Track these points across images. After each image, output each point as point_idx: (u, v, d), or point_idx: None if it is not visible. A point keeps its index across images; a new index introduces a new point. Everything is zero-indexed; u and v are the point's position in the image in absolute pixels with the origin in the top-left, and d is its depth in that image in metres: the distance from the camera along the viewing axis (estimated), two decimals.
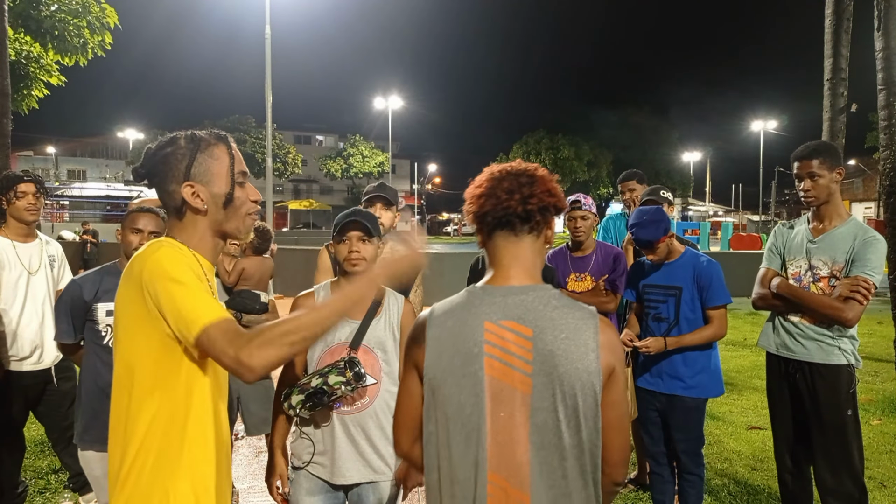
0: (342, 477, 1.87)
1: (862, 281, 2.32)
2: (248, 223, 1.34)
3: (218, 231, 1.32)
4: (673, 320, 2.63)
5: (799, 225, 2.61)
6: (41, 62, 7.99)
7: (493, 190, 1.19)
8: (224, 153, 1.30)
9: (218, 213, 1.29)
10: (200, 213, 1.28)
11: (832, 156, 2.45)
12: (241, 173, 1.32)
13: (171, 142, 1.29)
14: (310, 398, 1.80)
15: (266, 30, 11.92)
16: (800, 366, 2.48)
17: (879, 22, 5.74)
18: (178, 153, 1.27)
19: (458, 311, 1.18)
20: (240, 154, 1.35)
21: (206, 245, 1.31)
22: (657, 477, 2.76)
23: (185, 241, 1.28)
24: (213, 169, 1.28)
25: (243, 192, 1.32)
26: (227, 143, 1.32)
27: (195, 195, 1.26)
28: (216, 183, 1.28)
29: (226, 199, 1.29)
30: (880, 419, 4.53)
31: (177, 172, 1.26)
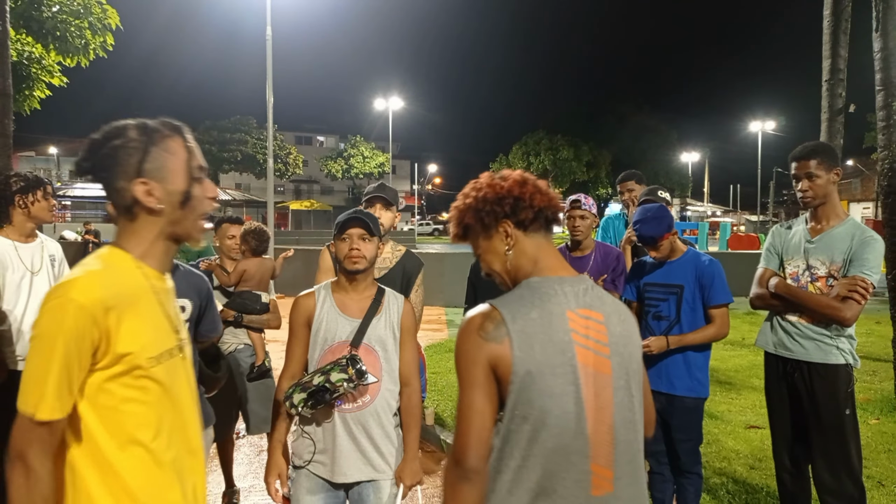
0: (343, 475, 1.88)
1: (860, 280, 2.33)
2: (201, 225, 1.20)
3: (172, 234, 1.18)
4: (674, 319, 2.65)
5: (797, 225, 2.62)
6: (43, 63, 8.00)
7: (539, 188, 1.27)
8: (180, 146, 1.16)
9: (174, 212, 1.16)
10: (154, 213, 1.14)
11: (830, 156, 2.46)
12: (199, 168, 1.19)
13: (119, 132, 1.13)
14: (312, 396, 1.81)
15: (267, 31, 11.93)
16: (798, 365, 2.49)
17: (878, 23, 5.77)
18: (129, 146, 1.12)
19: (537, 302, 1.17)
20: (197, 147, 1.21)
21: (157, 250, 1.18)
22: (658, 476, 2.78)
23: (133, 246, 1.15)
24: (169, 164, 1.14)
25: (201, 189, 1.19)
26: (183, 135, 1.18)
27: (149, 193, 1.13)
28: (172, 180, 1.14)
29: (183, 198, 1.15)
30: (878, 418, 4.54)
31: (128, 168, 1.11)
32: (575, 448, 1.13)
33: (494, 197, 1.24)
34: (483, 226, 1.26)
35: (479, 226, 1.26)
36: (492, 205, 1.24)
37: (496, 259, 1.27)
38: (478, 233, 1.28)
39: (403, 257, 2.83)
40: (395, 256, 2.83)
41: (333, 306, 1.95)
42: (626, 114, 37.16)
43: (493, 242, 1.27)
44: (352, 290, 1.97)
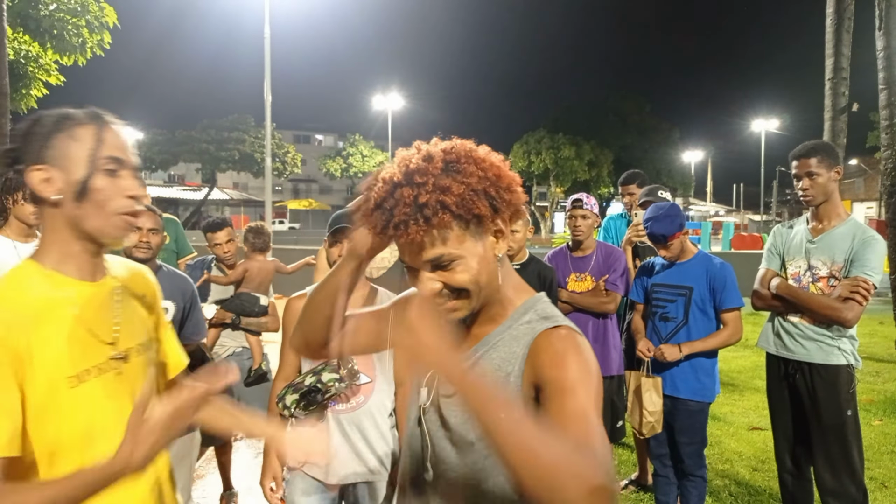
0: (337, 476, 1.86)
1: (861, 281, 2.32)
2: (116, 223, 1.05)
3: (81, 232, 1.04)
4: (681, 320, 2.62)
5: (798, 225, 2.61)
6: (40, 61, 7.99)
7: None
8: (89, 133, 1.04)
9: (72, 206, 1.02)
10: (52, 204, 1.02)
11: (830, 155, 2.45)
12: (111, 159, 1.04)
13: (36, 120, 1.05)
14: (304, 397, 1.79)
15: (265, 30, 11.90)
16: (799, 366, 2.48)
17: (881, 21, 5.73)
18: (38, 132, 1.03)
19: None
20: (118, 138, 1.07)
21: (71, 251, 1.05)
22: (663, 479, 2.75)
23: (46, 254, 1.05)
24: (72, 151, 1.02)
25: (111, 183, 1.04)
26: (99, 124, 1.06)
27: (46, 182, 1.02)
28: (72, 168, 1.02)
29: (79, 189, 1.02)
30: (881, 420, 4.51)
31: (31, 154, 1.03)
32: None
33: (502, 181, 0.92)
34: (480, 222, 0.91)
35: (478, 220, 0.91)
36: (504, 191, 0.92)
37: (485, 269, 0.93)
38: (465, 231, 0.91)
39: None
40: (393, 256, 2.80)
41: None
42: (627, 113, 37.09)
43: (481, 245, 0.93)
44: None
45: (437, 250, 0.89)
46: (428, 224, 0.86)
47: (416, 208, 0.85)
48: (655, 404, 2.60)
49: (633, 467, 3.53)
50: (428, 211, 0.85)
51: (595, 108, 37.42)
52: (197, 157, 32.13)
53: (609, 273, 2.96)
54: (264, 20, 11.93)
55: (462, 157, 0.90)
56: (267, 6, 11.99)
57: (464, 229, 0.90)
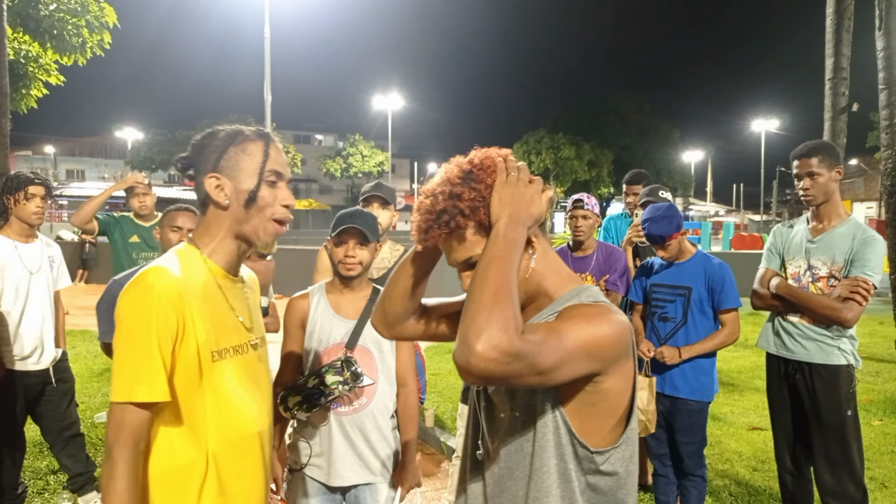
0: (339, 479, 1.86)
1: (861, 282, 2.32)
2: (269, 228, 1.22)
3: (238, 233, 1.22)
4: (680, 320, 2.63)
5: (798, 225, 2.62)
6: (40, 61, 7.98)
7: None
8: (259, 149, 1.21)
9: (239, 210, 1.20)
10: (222, 208, 1.20)
11: (831, 155, 2.45)
12: (274, 172, 1.22)
13: (211, 134, 1.23)
14: (306, 399, 1.79)
15: (265, 30, 11.90)
16: (799, 366, 2.49)
17: (881, 21, 5.73)
18: (213, 145, 1.21)
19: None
20: (280, 154, 1.25)
21: (225, 247, 1.23)
22: (663, 479, 2.75)
23: (204, 242, 1.23)
24: (243, 163, 1.20)
25: (271, 192, 1.21)
26: (267, 141, 1.23)
27: (219, 188, 1.19)
28: (243, 178, 1.19)
29: (249, 197, 1.19)
30: (881, 420, 4.51)
31: (207, 163, 1.20)
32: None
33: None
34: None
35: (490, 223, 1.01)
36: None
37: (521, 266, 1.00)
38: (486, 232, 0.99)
39: (402, 257, 2.80)
40: (393, 256, 2.80)
41: (328, 307, 1.93)
42: (627, 112, 37.09)
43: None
44: (347, 291, 1.96)
45: (462, 252, 0.99)
46: (449, 228, 0.96)
47: (436, 215, 0.96)
48: (647, 403, 2.60)
49: None
50: (447, 216, 0.96)
51: (595, 108, 37.38)
52: None
53: (609, 273, 2.96)
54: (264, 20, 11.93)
55: (479, 166, 0.98)
56: (267, 6, 11.99)
57: (483, 232, 0.97)
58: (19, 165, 31.26)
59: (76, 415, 3.15)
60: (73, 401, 3.13)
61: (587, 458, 0.97)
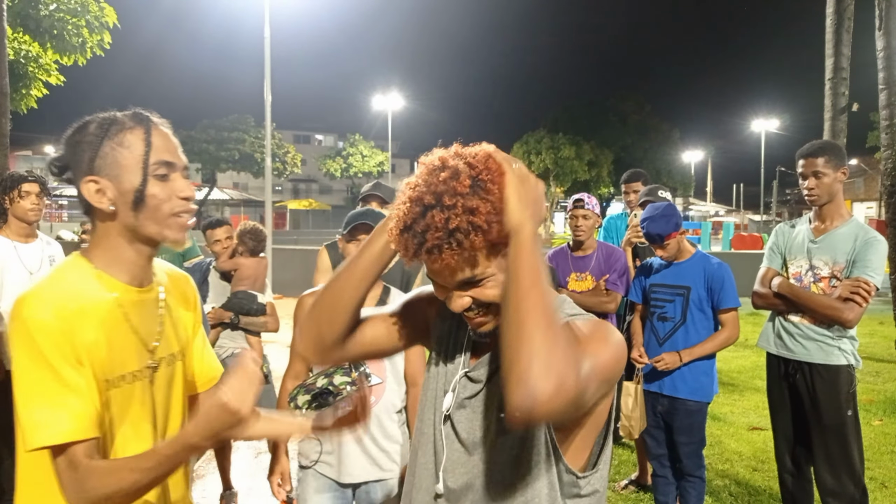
0: (349, 475, 1.89)
1: (862, 282, 2.32)
2: (173, 225, 1.05)
3: (136, 237, 1.05)
4: (679, 320, 2.63)
5: (800, 224, 2.62)
6: (40, 61, 7.98)
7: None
8: (138, 139, 1.02)
9: (128, 214, 1.02)
10: (108, 215, 1.02)
11: (837, 155, 2.46)
12: (162, 164, 1.03)
13: (82, 127, 1.04)
14: (315, 398, 1.81)
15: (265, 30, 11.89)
16: (799, 366, 2.49)
17: (881, 21, 5.73)
18: (85, 141, 1.02)
19: None
20: (166, 140, 1.06)
21: (123, 257, 1.05)
22: (661, 479, 2.75)
23: (98, 255, 1.04)
24: (122, 159, 1.01)
25: (164, 187, 1.03)
26: (147, 127, 1.04)
27: (99, 192, 1.01)
28: (125, 177, 1.01)
29: (135, 198, 1.01)
30: (881, 420, 4.52)
31: (81, 165, 1.02)
32: None
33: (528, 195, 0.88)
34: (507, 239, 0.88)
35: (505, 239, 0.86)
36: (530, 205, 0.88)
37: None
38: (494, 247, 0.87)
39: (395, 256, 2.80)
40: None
41: None
42: (627, 112, 37.08)
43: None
44: None
45: (470, 272, 0.86)
46: (461, 248, 0.83)
47: (447, 233, 0.82)
48: (631, 409, 2.61)
49: (633, 467, 3.53)
50: (460, 235, 0.82)
51: (595, 108, 37.37)
52: (197, 157, 32.13)
53: (609, 273, 2.96)
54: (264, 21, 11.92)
55: (485, 172, 0.86)
56: (267, 6, 11.98)
57: (494, 247, 0.86)
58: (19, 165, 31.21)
59: None
60: None
61: (572, 482, 0.92)
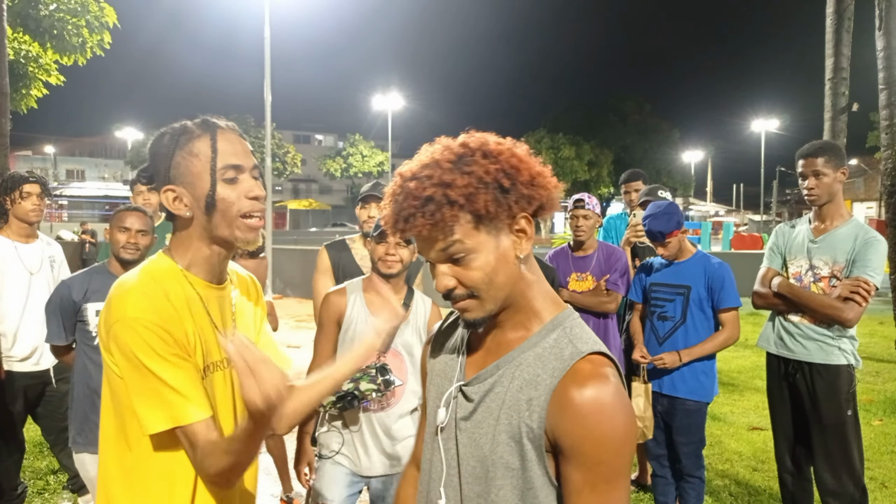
0: (368, 469, 1.97)
1: (862, 282, 2.33)
2: (242, 226, 1.11)
3: (212, 239, 1.12)
4: (679, 319, 2.63)
5: (800, 225, 2.62)
6: (40, 61, 7.98)
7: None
8: (205, 146, 1.08)
9: (203, 218, 1.10)
10: (186, 219, 1.11)
11: (837, 155, 2.46)
12: (230, 167, 1.09)
13: (157, 139, 1.12)
14: (340, 400, 1.89)
15: (265, 30, 11.89)
16: (799, 366, 2.49)
17: (881, 21, 5.73)
18: (161, 153, 1.10)
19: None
20: (233, 144, 1.11)
21: (202, 257, 1.13)
22: (661, 479, 2.75)
23: (180, 255, 1.14)
24: (193, 167, 1.08)
25: (232, 190, 1.09)
26: (212, 133, 1.09)
27: (177, 200, 1.09)
28: (197, 183, 1.08)
29: (207, 202, 1.08)
30: (881, 420, 4.51)
31: (160, 175, 1.10)
32: None
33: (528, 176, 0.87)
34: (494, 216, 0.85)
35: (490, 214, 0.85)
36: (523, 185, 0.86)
37: (503, 267, 0.88)
38: (478, 225, 0.85)
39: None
40: None
41: (364, 307, 2.00)
42: (627, 112, 37.11)
43: (502, 241, 0.87)
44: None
45: (445, 243, 0.85)
46: (433, 218, 0.83)
47: (422, 202, 0.83)
48: (644, 410, 2.61)
49: (634, 467, 3.53)
50: (433, 206, 0.82)
51: (595, 108, 37.37)
52: None
53: (610, 273, 2.96)
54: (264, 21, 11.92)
55: (474, 150, 0.86)
56: (267, 6, 11.98)
57: (475, 223, 0.85)
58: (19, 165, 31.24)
59: None
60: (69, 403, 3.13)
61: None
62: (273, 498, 3.27)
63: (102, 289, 2.27)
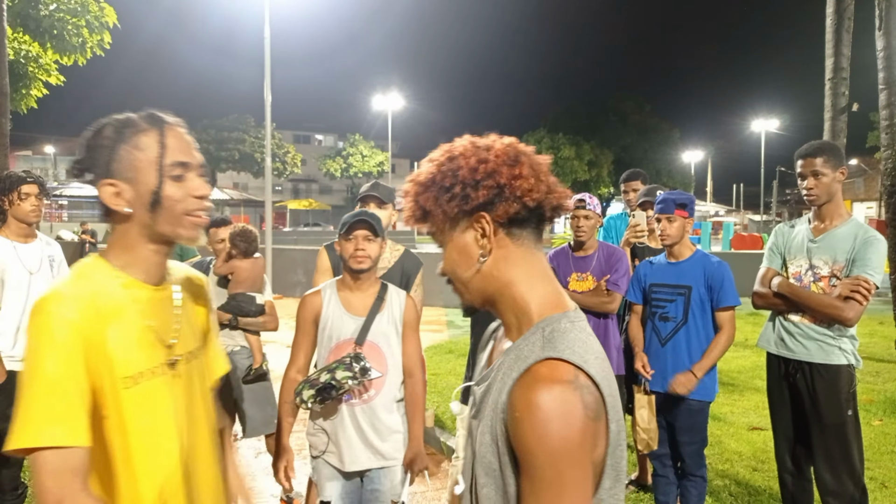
0: (353, 464, 2.00)
1: (862, 281, 2.33)
2: (188, 224, 1.07)
3: (152, 237, 1.07)
4: (681, 320, 2.62)
5: (800, 224, 2.63)
6: (40, 61, 7.99)
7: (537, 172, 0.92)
8: (153, 141, 1.04)
9: (145, 215, 1.05)
10: (125, 216, 1.05)
11: (836, 155, 2.47)
12: (177, 164, 1.05)
13: (98, 131, 1.06)
14: (319, 392, 1.93)
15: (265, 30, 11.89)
16: (800, 366, 2.49)
17: (881, 21, 5.73)
18: (102, 145, 1.04)
19: (597, 349, 0.88)
20: (180, 141, 1.08)
21: (140, 256, 1.08)
22: (662, 479, 2.75)
23: (115, 255, 1.07)
24: (138, 162, 1.03)
25: (178, 188, 1.05)
26: (160, 128, 1.06)
27: (117, 195, 1.04)
28: (141, 179, 1.03)
29: (152, 199, 1.04)
30: (881, 419, 4.51)
31: (99, 168, 1.04)
32: None
33: (471, 176, 0.88)
34: (448, 215, 0.90)
35: (441, 213, 0.90)
36: (465, 186, 0.88)
37: (464, 262, 0.91)
38: (441, 221, 0.91)
39: (402, 257, 2.81)
40: (393, 256, 2.80)
41: (339, 305, 2.05)
42: (627, 112, 37.11)
43: (463, 238, 0.91)
44: (356, 289, 2.07)
45: (426, 231, 0.95)
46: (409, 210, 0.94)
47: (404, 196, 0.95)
48: (648, 422, 2.61)
49: (633, 467, 3.53)
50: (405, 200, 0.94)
51: (595, 108, 37.36)
52: None
53: (611, 273, 2.96)
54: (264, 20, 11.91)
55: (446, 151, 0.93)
56: (267, 6, 11.98)
57: (442, 220, 0.91)
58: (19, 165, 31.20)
59: None
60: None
61: None
62: (273, 498, 3.27)
63: None
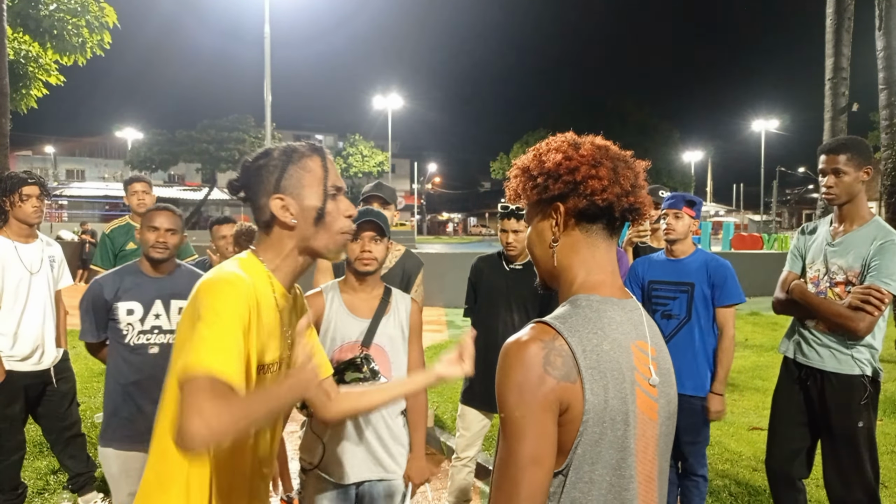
0: (352, 476, 1.89)
1: (874, 290, 2.17)
2: (339, 241, 1.24)
3: (306, 248, 1.23)
4: (684, 317, 2.61)
5: (822, 226, 2.49)
6: (40, 61, 8.00)
7: (616, 175, 1.01)
8: (318, 165, 1.22)
9: (307, 228, 1.21)
10: (288, 227, 1.20)
11: (862, 153, 2.30)
12: (335, 187, 1.24)
13: (265, 154, 1.23)
14: None
15: (265, 30, 11.89)
16: (812, 372, 2.39)
17: (881, 21, 5.74)
18: (271, 165, 1.21)
19: (607, 330, 0.94)
20: (335, 168, 1.27)
21: (289, 265, 1.23)
22: None
23: (269, 259, 1.22)
24: (305, 181, 1.21)
25: (336, 206, 1.23)
26: (322, 155, 1.25)
27: (285, 208, 1.19)
28: (307, 196, 1.20)
29: (317, 215, 1.20)
30: (881, 420, 4.51)
31: (267, 185, 1.20)
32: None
33: (555, 169, 0.99)
34: (531, 200, 1.04)
35: (527, 197, 1.05)
36: (548, 178, 1.00)
37: (539, 246, 1.06)
38: (527, 204, 1.07)
39: (403, 257, 2.81)
40: (394, 256, 2.80)
41: (342, 306, 1.97)
42: (627, 112, 37.15)
43: (542, 224, 1.04)
44: (360, 290, 1.99)
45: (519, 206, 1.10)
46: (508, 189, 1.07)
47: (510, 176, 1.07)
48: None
49: None
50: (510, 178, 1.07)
51: (595, 108, 37.39)
52: (197, 157, 32.07)
53: None
54: (264, 20, 11.92)
55: (546, 143, 1.05)
56: (267, 6, 11.99)
57: (527, 204, 1.07)
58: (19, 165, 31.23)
59: (77, 415, 3.15)
60: (75, 401, 3.13)
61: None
62: (273, 498, 3.27)
63: (133, 288, 2.25)
